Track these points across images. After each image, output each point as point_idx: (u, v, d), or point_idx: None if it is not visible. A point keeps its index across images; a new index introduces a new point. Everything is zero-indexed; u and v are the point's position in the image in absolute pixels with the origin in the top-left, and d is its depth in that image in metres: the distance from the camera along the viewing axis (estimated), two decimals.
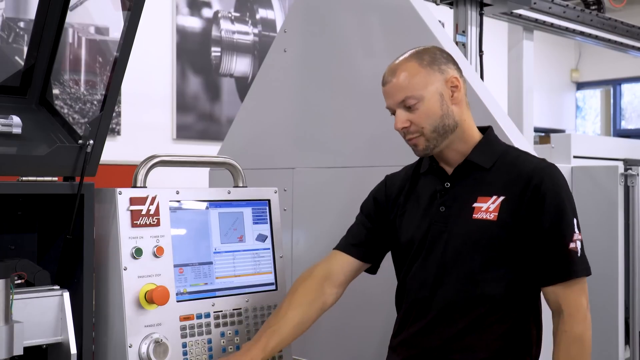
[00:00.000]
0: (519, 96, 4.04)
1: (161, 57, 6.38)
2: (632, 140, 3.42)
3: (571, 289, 1.82)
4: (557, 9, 3.98)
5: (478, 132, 1.98)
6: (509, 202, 1.84)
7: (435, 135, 1.89)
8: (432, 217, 1.94)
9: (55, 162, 1.87)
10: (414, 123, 1.89)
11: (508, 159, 1.93)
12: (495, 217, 1.84)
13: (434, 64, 1.91)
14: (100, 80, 5.82)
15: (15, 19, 5.44)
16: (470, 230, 1.86)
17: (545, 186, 1.83)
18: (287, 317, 1.97)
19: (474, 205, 1.88)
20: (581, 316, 1.81)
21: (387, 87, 1.93)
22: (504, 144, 2.01)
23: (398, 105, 1.91)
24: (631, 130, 10.97)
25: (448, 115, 1.90)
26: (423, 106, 1.88)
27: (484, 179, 1.90)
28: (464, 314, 1.86)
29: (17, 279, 1.83)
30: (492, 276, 1.85)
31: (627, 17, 5.06)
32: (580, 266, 1.82)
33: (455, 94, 1.92)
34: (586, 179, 2.50)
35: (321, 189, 2.84)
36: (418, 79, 1.89)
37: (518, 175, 1.87)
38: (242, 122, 3.28)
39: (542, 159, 1.95)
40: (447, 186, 1.95)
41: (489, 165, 1.92)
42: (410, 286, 1.98)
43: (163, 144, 6.30)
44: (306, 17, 3.01)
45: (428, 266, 1.93)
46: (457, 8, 3.49)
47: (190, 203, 2.06)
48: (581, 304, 1.82)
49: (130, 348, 1.86)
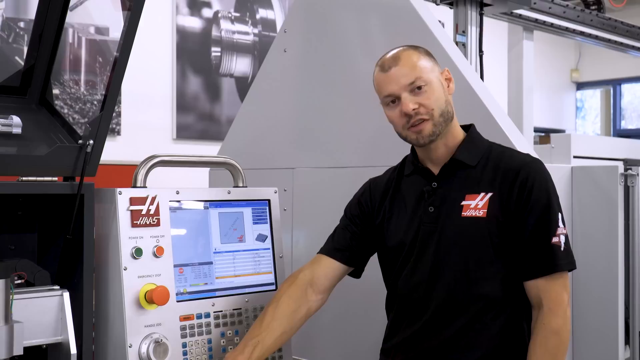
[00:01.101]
0: (519, 96, 4.04)
1: (161, 57, 6.38)
2: (632, 140, 3.41)
3: (553, 283, 1.82)
4: (557, 9, 3.98)
5: (462, 131, 2.00)
6: (498, 197, 1.85)
7: (441, 120, 1.90)
8: (421, 218, 1.94)
9: (55, 162, 1.87)
10: (422, 105, 1.89)
11: (493, 155, 1.94)
12: (485, 213, 1.85)
13: (429, 55, 1.96)
14: (100, 80, 5.82)
15: (15, 19, 5.44)
16: (461, 229, 1.87)
17: (531, 181, 1.84)
18: (271, 327, 1.96)
19: (462, 203, 1.88)
20: (561, 310, 1.81)
21: (390, 73, 1.91)
22: (487, 140, 2.01)
23: (405, 89, 1.89)
24: (631, 130, 10.97)
25: (449, 102, 1.94)
26: (431, 89, 1.89)
27: (470, 177, 1.91)
28: (460, 313, 1.86)
29: (17, 279, 1.83)
30: (486, 273, 1.85)
31: (627, 17, 5.06)
32: (563, 260, 1.82)
33: (451, 86, 1.96)
34: (586, 179, 2.49)
35: (321, 189, 2.84)
36: (425, 62, 1.92)
37: (505, 170, 1.88)
38: (242, 122, 3.28)
39: (526, 154, 1.97)
40: (435, 186, 1.94)
41: (474, 162, 1.92)
42: (402, 289, 1.98)
43: (163, 144, 6.30)
44: (306, 17, 3.01)
45: (420, 268, 1.92)
46: (457, 8, 3.49)
47: (190, 203, 2.06)
48: (562, 298, 1.82)
49: (130, 348, 1.86)
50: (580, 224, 2.43)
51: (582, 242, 2.45)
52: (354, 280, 2.14)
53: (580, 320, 2.44)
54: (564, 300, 1.82)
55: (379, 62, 1.97)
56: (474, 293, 1.85)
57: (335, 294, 2.13)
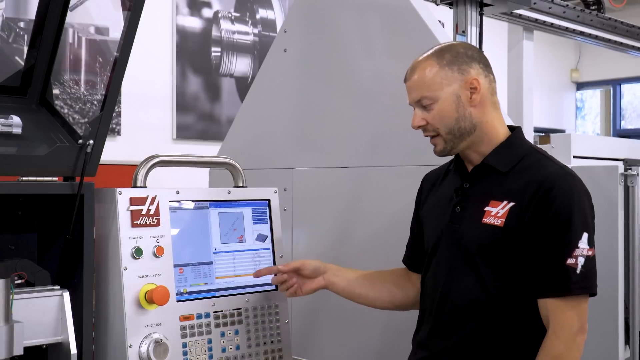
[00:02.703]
0: (519, 96, 4.04)
1: (161, 57, 6.38)
2: (632, 140, 3.41)
3: (563, 306, 1.73)
4: (557, 9, 3.98)
5: (505, 133, 1.92)
6: (518, 208, 1.79)
7: (451, 137, 1.87)
8: (448, 217, 1.92)
9: (55, 162, 1.87)
10: (429, 123, 1.88)
11: (527, 163, 1.85)
12: (502, 222, 1.79)
13: (454, 63, 1.87)
14: (100, 80, 5.82)
15: (15, 19, 5.44)
16: (479, 234, 1.83)
17: (554, 195, 1.75)
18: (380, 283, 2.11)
19: (485, 208, 1.83)
20: (566, 336, 1.72)
21: (407, 84, 1.92)
22: (529, 146, 1.92)
23: (416, 104, 1.90)
24: (631, 130, 10.96)
25: (464, 117, 1.86)
26: (438, 107, 1.86)
27: (499, 183, 1.85)
28: (473, 317, 1.83)
29: (17, 279, 1.83)
30: (501, 282, 1.80)
31: (627, 17, 5.06)
32: (576, 284, 1.72)
33: (474, 96, 1.86)
34: (586, 179, 2.48)
35: (321, 189, 2.84)
36: (435, 79, 1.85)
37: (531, 180, 1.79)
38: (242, 122, 3.28)
39: (563, 166, 1.86)
40: (466, 186, 1.92)
41: (506, 169, 1.86)
42: (426, 288, 1.97)
43: (163, 144, 6.30)
44: (306, 17, 3.01)
45: (440, 268, 1.91)
46: (457, 8, 3.48)
47: (190, 203, 2.06)
48: (570, 324, 1.72)
49: (130, 348, 1.86)
50: None
51: None
52: None
53: None
54: (573, 326, 1.72)
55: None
56: (487, 300, 1.81)
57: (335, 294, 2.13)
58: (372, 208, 2.59)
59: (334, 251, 2.74)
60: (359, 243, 2.64)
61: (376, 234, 2.57)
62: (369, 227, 2.61)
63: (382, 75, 2.63)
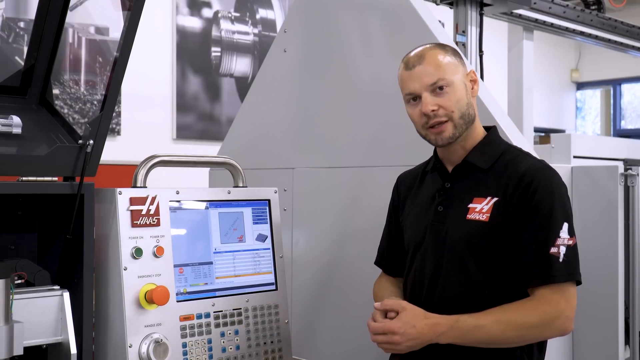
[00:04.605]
0: (519, 96, 4.04)
1: (161, 57, 6.38)
2: (632, 140, 3.41)
3: (549, 293, 1.77)
4: (557, 9, 3.98)
5: (483, 132, 1.98)
6: (502, 203, 1.83)
7: (462, 122, 1.89)
8: (430, 216, 1.94)
9: (55, 162, 1.87)
10: (442, 107, 1.88)
11: (506, 159, 1.91)
12: (487, 217, 1.83)
13: (457, 56, 1.94)
14: (100, 80, 5.82)
15: (15, 19, 5.44)
16: (464, 231, 1.86)
17: (534, 186, 1.80)
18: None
19: (469, 205, 1.87)
20: (557, 310, 1.75)
21: (414, 71, 1.90)
22: (506, 144, 1.99)
23: (426, 89, 1.89)
24: (631, 130, 10.97)
25: (471, 105, 1.92)
26: (452, 91, 1.88)
27: (481, 180, 1.90)
28: (462, 314, 1.83)
29: (17, 279, 1.83)
30: (488, 277, 1.83)
31: (627, 17, 5.06)
32: (560, 272, 1.76)
33: (475, 87, 1.95)
34: (586, 179, 2.49)
35: (321, 189, 2.84)
36: (450, 64, 1.90)
37: (512, 175, 1.85)
38: (242, 122, 3.28)
39: (540, 160, 1.93)
40: (447, 186, 1.95)
41: (486, 165, 1.91)
42: (410, 287, 1.98)
43: (163, 144, 6.30)
44: (306, 17, 3.01)
45: (425, 267, 1.93)
46: (457, 8, 3.49)
47: (190, 203, 2.06)
48: (556, 303, 1.76)
49: (130, 348, 1.86)
50: (580, 224, 2.43)
51: (582, 242, 2.44)
52: (355, 281, 2.14)
53: (580, 320, 2.43)
54: (559, 305, 1.76)
55: (404, 59, 1.96)
56: (476, 296, 1.83)
57: (335, 294, 2.13)
58: (372, 208, 2.59)
59: (333, 251, 2.74)
60: (359, 243, 2.64)
61: (376, 234, 2.57)
62: (369, 227, 2.60)
63: (382, 75, 2.63)
